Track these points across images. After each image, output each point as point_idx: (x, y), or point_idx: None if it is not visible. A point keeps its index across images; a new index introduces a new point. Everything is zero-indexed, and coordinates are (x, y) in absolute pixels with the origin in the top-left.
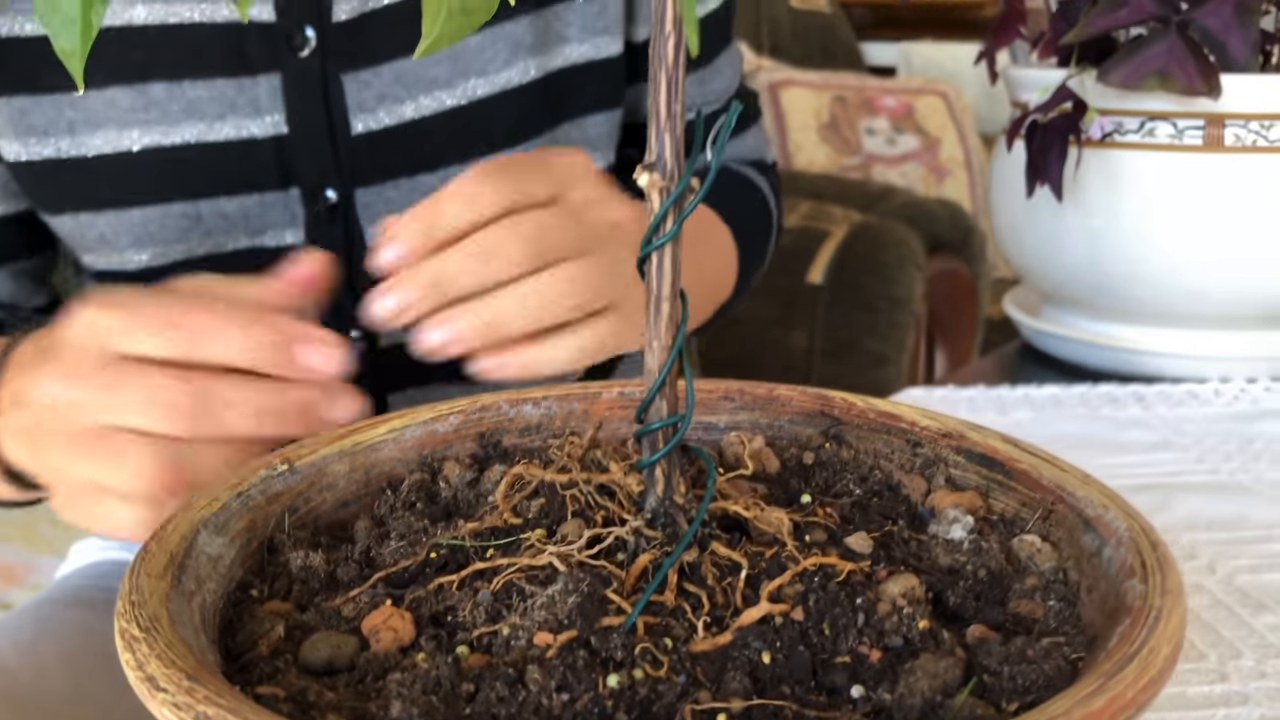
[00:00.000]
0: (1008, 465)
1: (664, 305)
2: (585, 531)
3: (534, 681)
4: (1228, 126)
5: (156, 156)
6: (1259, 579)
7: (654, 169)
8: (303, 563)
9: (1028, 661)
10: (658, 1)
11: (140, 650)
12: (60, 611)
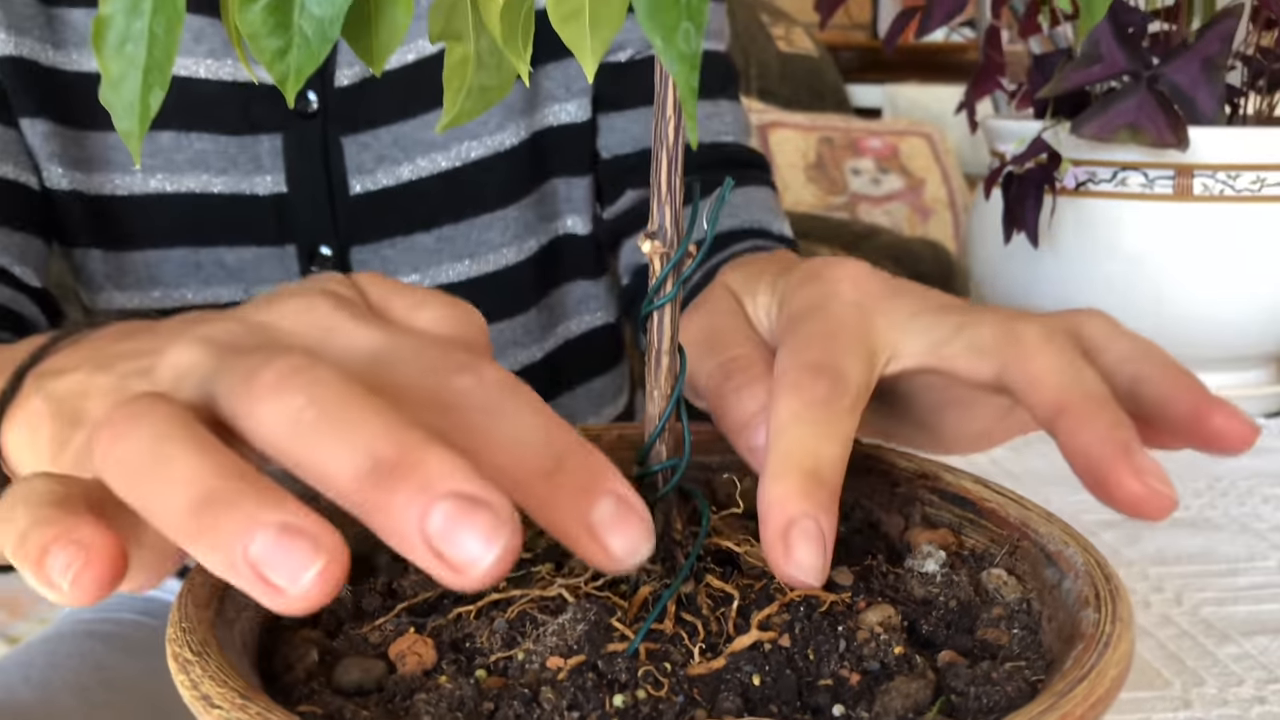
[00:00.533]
0: (978, 504)
1: (664, 359)
2: (589, 567)
3: (547, 700)
4: (1196, 176)
5: (160, 201)
6: (1223, 611)
7: (656, 237)
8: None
9: (992, 683)
10: (660, 88)
11: (194, 672)
12: (70, 645)
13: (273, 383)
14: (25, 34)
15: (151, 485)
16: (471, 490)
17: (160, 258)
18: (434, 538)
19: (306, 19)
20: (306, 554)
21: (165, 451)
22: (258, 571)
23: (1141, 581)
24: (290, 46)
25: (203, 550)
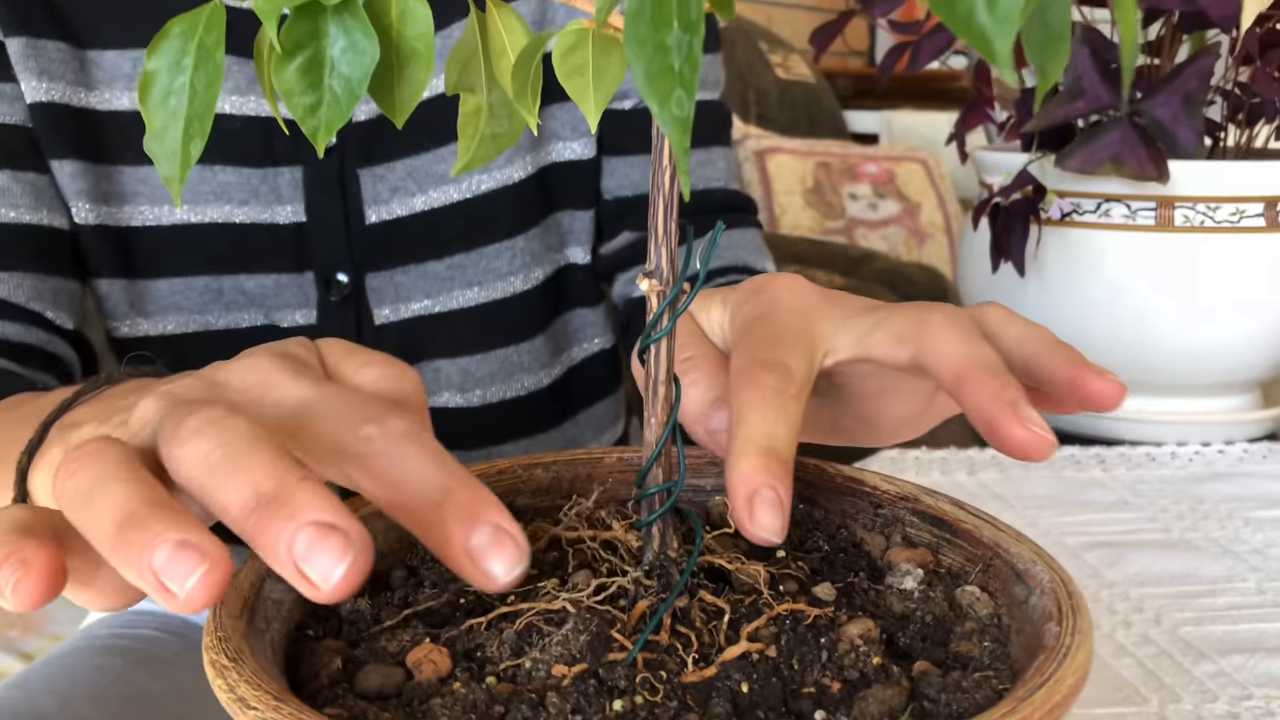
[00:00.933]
0: (954, 525)
1: (660, 388)
2: (592, 580)
3: (553, 705)
4: (1177, 208)
5: (185, 232)
6: (1201, 630)
7: (653, 276)
8: (351, 607)
9: (962, 691)
10: (657, 140)
11: (230, 676)
12: (90, 659)
13: (193, 429)
14: (57, 79)
15: (87, 511)
16: (328, 519)
17: (184, 285)
18: (297, 558)
19: (336, 78)
20: (195, 564)
21: (102, 485)
22: (159, 580)
23: (1123, 602)
24: (321, 103)
25: (120, 562)
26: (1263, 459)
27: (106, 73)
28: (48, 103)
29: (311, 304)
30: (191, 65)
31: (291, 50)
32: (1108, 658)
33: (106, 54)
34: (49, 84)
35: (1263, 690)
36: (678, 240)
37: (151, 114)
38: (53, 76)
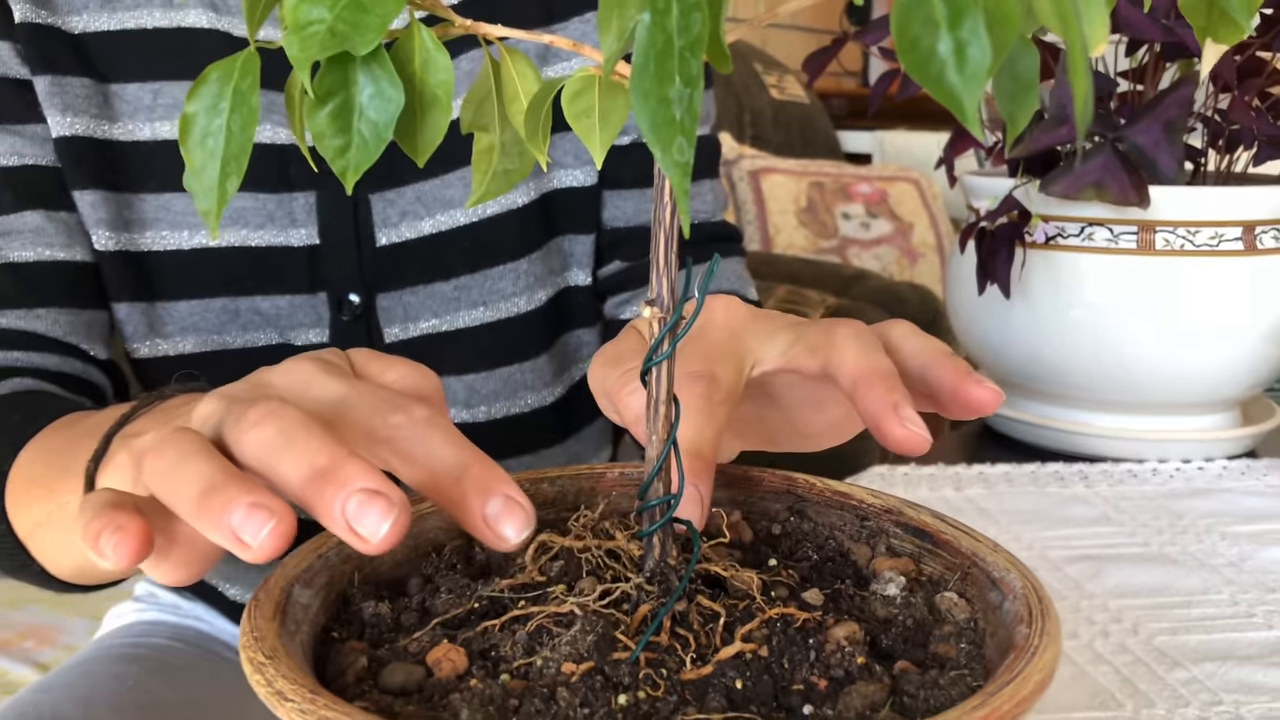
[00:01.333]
0: (935, 536)
1: (661, 407)
2: (598, 586)
3: (563, 699)
4: (1158, 232)
5: (203, 256)
6: (1176, 640)
7: (655, 304)
8: (373, 611)
9: (938, 688)
10: (658, 179)
11: (268, 672)
12: (107, 667)
13: (255, 419)
14: (81, 113)
15: (173, 483)
16: (373, 486)
17: (202, 307)
18: (350, 519)
19: (365, 123)
20: (265, 520)
21: (185, 462)
22: (236, 536)
23: (1102, 613)
24: (350, 145)
25: (202, 524)
26: (1241, 475)
27: (129, 105)
28: (71, 136)
29: (324, 323)
30: (228, 108)
31: (324, 97)
32: (1086, 665)
33: (128, 87)
34: (73, 118)
35: (1233, 696)
36: (677, 270)
37: (191, 153)
38: (76, 111)
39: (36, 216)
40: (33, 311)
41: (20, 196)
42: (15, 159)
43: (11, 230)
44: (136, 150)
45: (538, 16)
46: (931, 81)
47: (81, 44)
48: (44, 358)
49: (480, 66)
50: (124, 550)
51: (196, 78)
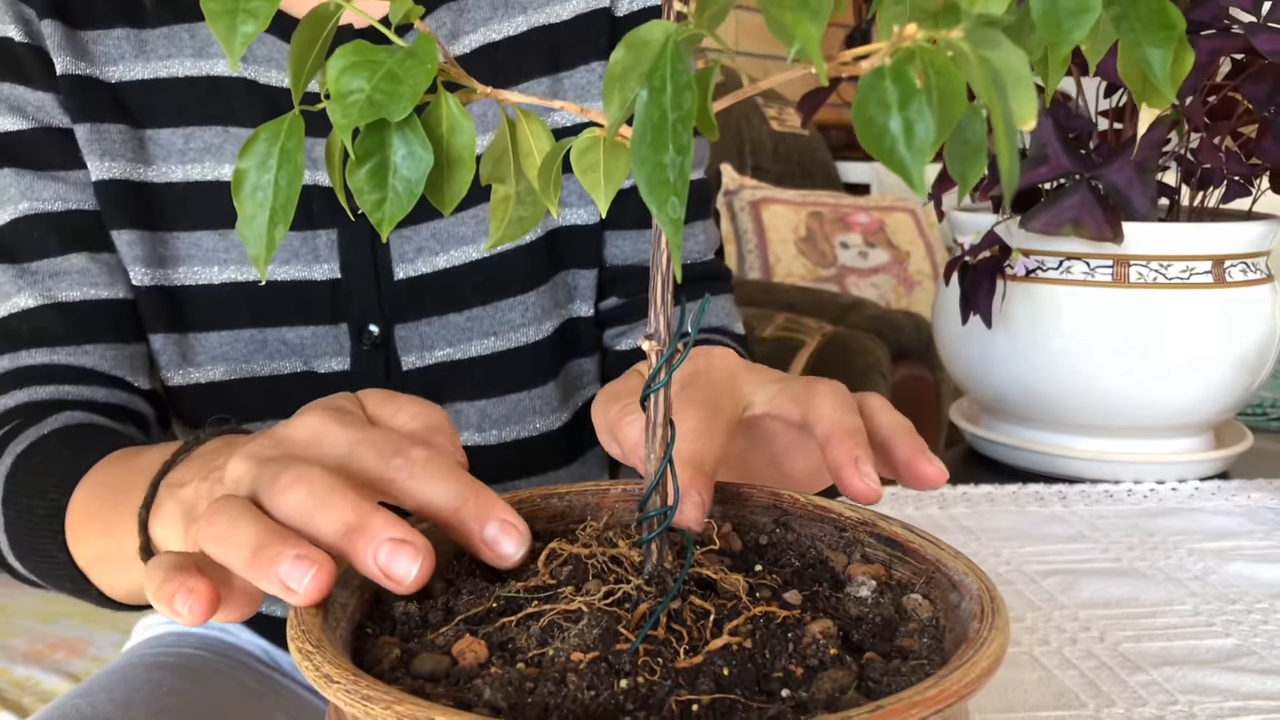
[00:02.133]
0: (904, 545)
1: (659, 430)
2: (602, 587)
3: (572, 682)
4: (1132, 266)
5: (233, 290)
6: (1139, 646)
7: (653, 338)
8: (403, 609)
9: (900, 674)
10: (656, 230)
11: (315, 659)
12: (142, 674)
13: (286, 484)
14: (118, 158)
15: (227, 546)
16: (398, 535)
17: (232, 338)
18: (383, 565)
19: (399, 179)
20: (307, 569)
21: (234, 525)
22: (284, 584)
23: (1072, 622)
24: (386, 199)
25: (255, 576)
26: (1211, 496)
27: (162, 149)
28: (109, 180)
29: (346, 352)
30: (276, 165)
31: (363, 157)
32: (1054, 669)
33: (162, 132)
34: (110, 163)
35: (1187, 697)
36: (672, 309)
37: (243, 205)
38: (114, 156)
39: (81, 259)
40: (80, 348)
41: (65, 240)
42: (60, 204)
43: (59, 272)
44: (170, 191)
45: (546, 66)
46: (884, 155)
47: (118, 92)
48: (93, 390)
49: (491, 111)
50: (197, 609)
51: (225, 122)
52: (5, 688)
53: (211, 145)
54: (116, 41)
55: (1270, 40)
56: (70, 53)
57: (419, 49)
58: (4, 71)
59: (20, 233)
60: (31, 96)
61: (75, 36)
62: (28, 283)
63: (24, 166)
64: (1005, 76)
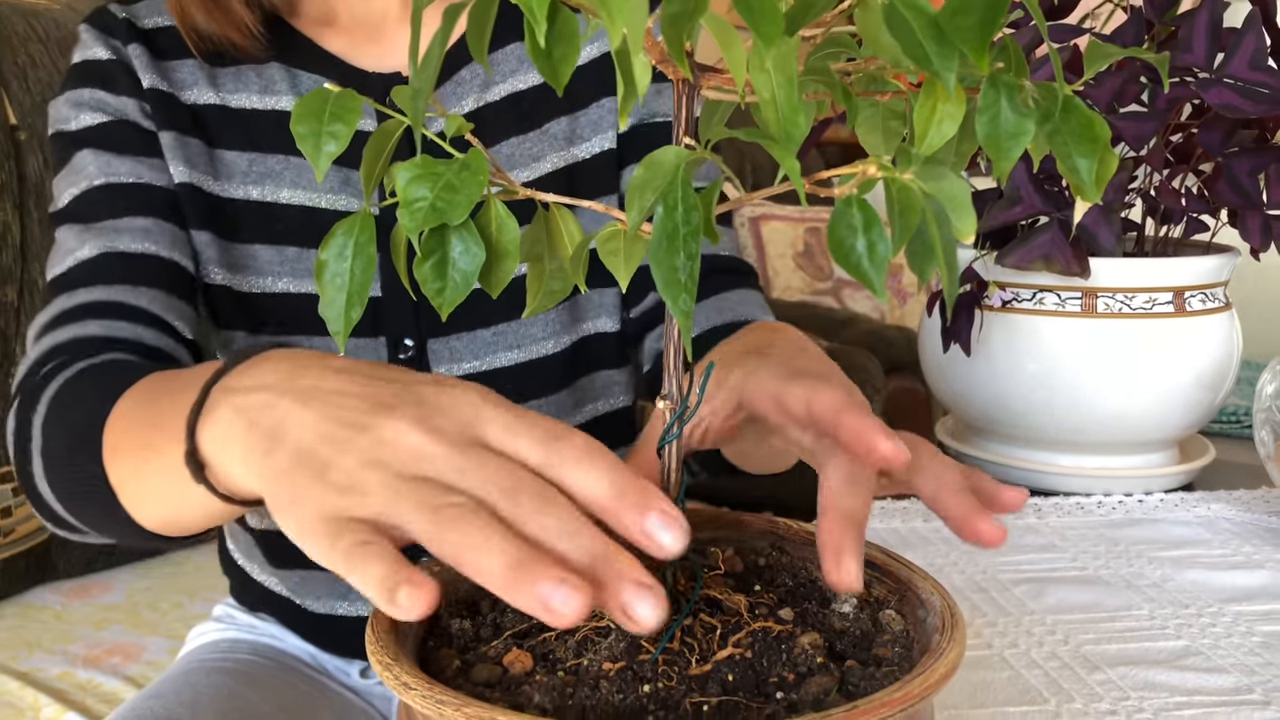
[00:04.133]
0: (881, 567)
1: (672, 475)
2: None
3: (604, 687)
4: (1099, 297)
5: (287, 299)
6: (1099, 648)
7: (667, 398)
8: (458, 626)
9: (875, 679)
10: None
11: (394, 670)
12: (204, 678)
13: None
14: (195, 167)
15: (480, 554)
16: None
17: (285, 341)
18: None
19: (457, 272)
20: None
21: (488, 537)
22: (546, 604)
23: (1040, 626)
24: (445, 288)
25: (515, 594)
26: (1174, 507)
27: (228, 168)
28: (188, 184)
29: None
30: (351, 256)
31: (427, 254)
32: (1021, 669)
33: (228, 153)
34: (189, 170)
35: (1138, 693)
36: (686, 373)
37: (325, 289)
38: (192, 165)
39: (144, 220)
40: (134, 288)
41: (131, 205)
42: (132, 178)
43: (121, 229)
44: (233, 206)
45: (564, 107)
46: (851, 268)
47: (195, 112)
48: (141, 330)
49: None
50: (421, 605)
51: (287, 152)
52: (69, 689)
53: (273, 170)
54: (191, 70)
55: (1220, 94)
56: (155, 72)
57: (472, 162)
58: (89, 81)
59: (91, 200)
60: (112, 100)
61: (158, 62)
62: (91, 236)
63: (102, 148)
64: (948, 202)
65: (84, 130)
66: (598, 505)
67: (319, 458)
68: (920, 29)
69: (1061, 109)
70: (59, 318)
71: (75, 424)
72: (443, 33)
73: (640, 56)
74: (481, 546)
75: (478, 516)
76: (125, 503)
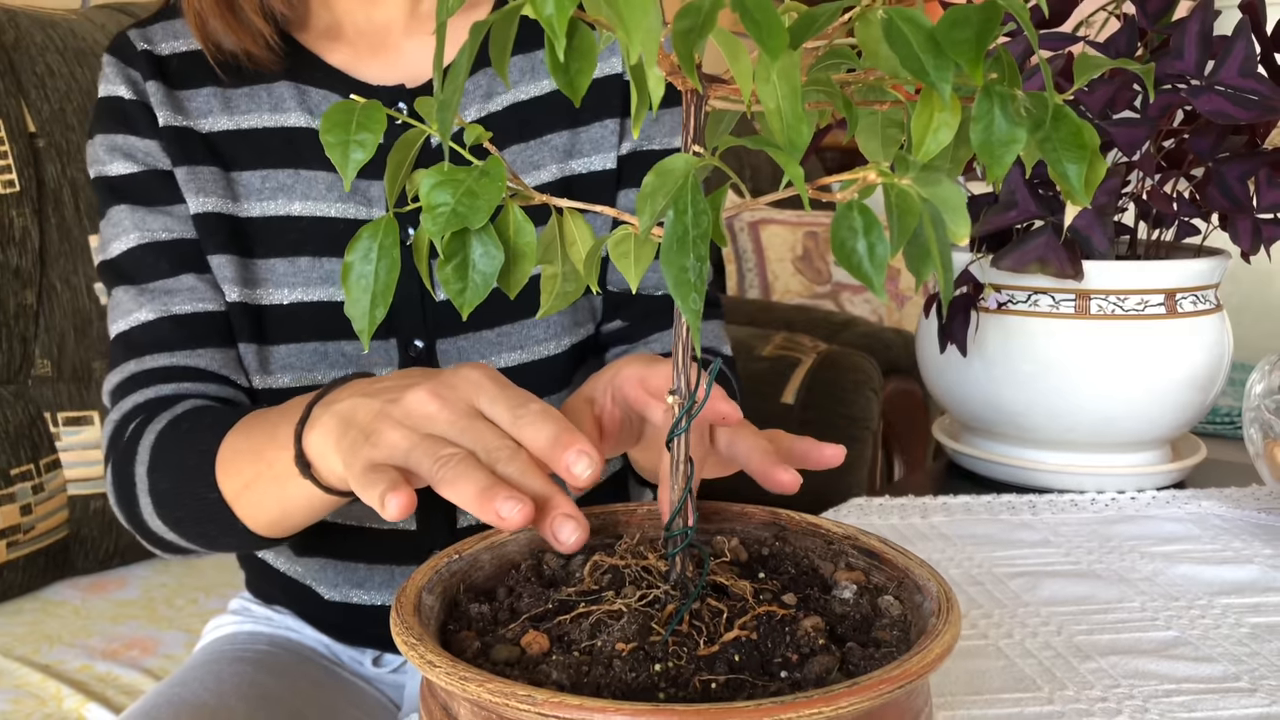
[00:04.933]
0: (881, 555)
1: (681, 465)
2: (637, 592)
3: (617, 666)
4: (1092, 299)
5: (300, 309)
6: (1091, 638)
7: (676, 393)
8: (477, 610)
9: (874, 660)
10: (678, 315)
11: (419, 649)
12: (227, 666)
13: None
14: (210, 195)
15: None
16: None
17: (299, 350)
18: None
19: (477, 273)
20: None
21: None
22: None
23: (1034, 618)
24: (466, 289)
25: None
26: (1166, 504)
27: (245, 188)
28: (205, 213)
29: (394, 363)
30: (376, 258)
31: (449, 256)
32: (1016, 659)
33: (244, 174)
34: (205, 198)
35: (1129, 681)
36: (693, 367)
37: (350, 290)
38: (207, 193)
39: (189, 278)
40: (193, 352)
41: (174, 264)
42: (167, 234)
43: (171, 290)
44: (251, 224)
45: (566, 121)
46: (853, 268)
47: (209, 141)
48: (206, 387)
49: (519, 159)
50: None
51: (295, 165)
52: (90, 682)
53: (284, 185)
54: (206, 99)
55: (1209, 101)
56: (170, 108)
57: (491, 169)
58: (117, 124)
59: (137, 259)
60: (140, 144)
61: (173, 95)
62: (146, 300)
63: (136, 203)
64: (944, 206)
65: (118, 180)
66: (541, 452)
67: (366, 428)
68: (918, 42)
69: (1052, 118)
70: (131, 380)
71: (185, 463)
72: (470, 45)
73: (654, 70)
74: (464, 479)
75: (465, 463)
76: (240, 513)
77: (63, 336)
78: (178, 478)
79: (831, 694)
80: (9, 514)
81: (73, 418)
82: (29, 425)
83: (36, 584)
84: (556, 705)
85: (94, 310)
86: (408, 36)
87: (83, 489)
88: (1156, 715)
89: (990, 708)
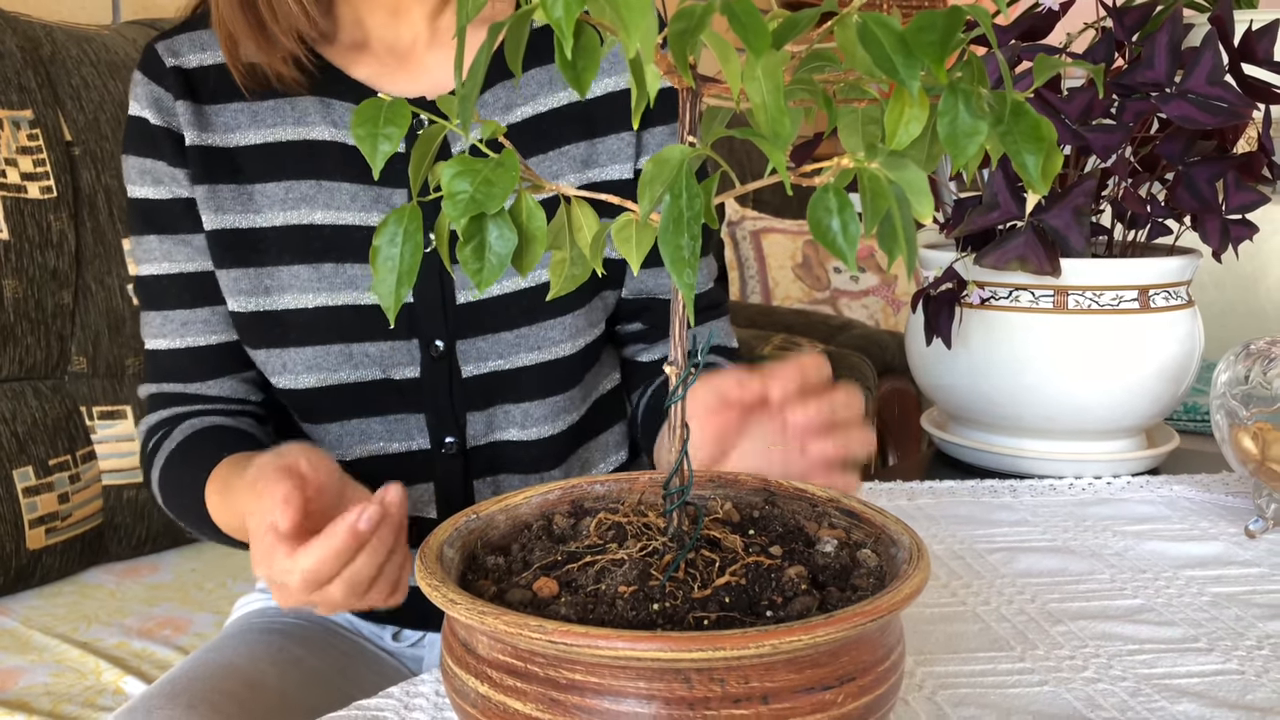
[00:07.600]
0: (860, 515)
1: (678, 429)
2: (638, 544)
3: (620, 605)
4: (1070, 295)
5: (324, 313)
6: (1062, 605)
7: (673, 364)
8: (493, 563)
9: (851, 602)
10: (675, 291)
11: (442, 589)
12: (258, 636)
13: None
14: (228, 211)
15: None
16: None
17: (323, 352)
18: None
19: (493, 254)
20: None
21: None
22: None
23: (1010, 587)
24: (483, 269)
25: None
26: (1139, 488)
27: (267, 199)
28: (220, 230)
29: (416, 363)
30: (401, 240)
31: (467, 239)
32: (991, 623)
33: (268, 186)
34: (221, 216)
35: (1095, 641)
36: (687, 342)
37: (378, 270)
38: (224, 210)
39: (206, 311)
40: (206, 383)
41: (196, 296)
42: (191, 265)
43: (190, 321)
44: (274, 233)
45: (583, 133)
46: (828, 244)
47: (233, 155)
48: (221, 406)
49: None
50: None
51: (318, 176)
52: (126, 657)
53: (307, 195)
54: (234, 113)
55: (1178, 108)
56: (197, 126)
57: (506, 160)
58: (145, 148)
59: (163, 287)
60: (166, 170)
61: (202, 111)
62: (170, 329)
63: (164, 232)
64: (909, 188)
65: (147, 205)
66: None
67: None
68: (889, 44)
69: (1011, 112)
70: (158, 397)
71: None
72: (488, 44)
73: (650, 67)
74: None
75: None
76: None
77: (97, 334)
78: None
79: (810, 624)
80: (48, 502)
81: (107, 411)
82: (66, 418)
83: (74, 569)
84: (564, 633)
85: (126, 309)
86: (430, 50)
87: (117, 479)
88: (1119, 671)
89: (966, 664)
